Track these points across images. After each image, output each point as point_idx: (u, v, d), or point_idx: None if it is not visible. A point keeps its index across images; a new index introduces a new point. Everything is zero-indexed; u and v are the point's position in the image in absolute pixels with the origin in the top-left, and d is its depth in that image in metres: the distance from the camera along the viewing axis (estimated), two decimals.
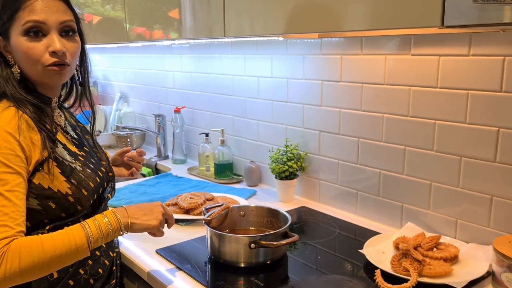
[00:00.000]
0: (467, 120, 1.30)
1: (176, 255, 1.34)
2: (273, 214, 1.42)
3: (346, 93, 1.61)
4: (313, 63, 1.72)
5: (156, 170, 2.51)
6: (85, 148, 1.25)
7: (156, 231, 1.15)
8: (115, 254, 1.31)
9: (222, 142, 2.12)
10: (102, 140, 2.79)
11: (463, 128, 1.31)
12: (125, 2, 1.94)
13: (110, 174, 1.30)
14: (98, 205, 1.21)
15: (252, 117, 2.04)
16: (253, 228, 1.45)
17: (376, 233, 1.47)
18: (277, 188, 1.82)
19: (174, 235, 1.49)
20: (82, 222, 1.03)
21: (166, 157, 2.56)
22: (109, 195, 1.27)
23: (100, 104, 3.19)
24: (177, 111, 2.41)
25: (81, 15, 1.20)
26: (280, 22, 1.25)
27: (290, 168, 1.76)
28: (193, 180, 2.11)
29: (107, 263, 1.24)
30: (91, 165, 1.21)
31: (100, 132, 2.75)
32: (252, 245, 1.22)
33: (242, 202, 1.73)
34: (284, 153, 1.81)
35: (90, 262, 1.17)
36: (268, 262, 1.26)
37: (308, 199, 1.83)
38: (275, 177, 1.80)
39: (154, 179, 2.12)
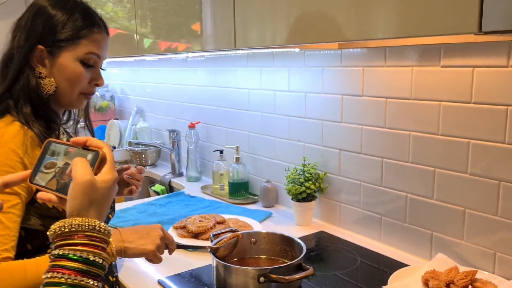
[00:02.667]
0: (506, 139, 1.15)
1: (180, 286, 1.22)
2: (287, 242, 1.29)
3: (369, 108, 1.47)
4: (333, 76, 1.59)
5: (170, 188, 2.41)
6: None
7: (152, 257, 1.04)
8: (114, 279, 1.21)
9: (237, 159, 2.00)
10: (117, 156, 2.72)
11: (502, 149, 1.16)
12: (150, 17, 1.86)
13: None
14: None
15: (268, 134, 1.92)
16: (264, 257, 1.32)
17: (402, 264, 1.32)
18: (294, 211, 1.69)
19: (181, 262, 1.37)
20: None
21: (181, 174, 2.46)
22: (109, 215, 1.18)
23: (117, 119, 3.13)
24: (192, 126, 2.32)
25: None
26: (298, 32, 1.13)
27: (307, 190, 1.62)
28: (206, 200, 1.99)
29: None
30: None
31: (115, 147, 2.67)
32: (261, 279, 1.09)
33: (256, 226, 1.60)
34: (301, 173, 1.68)
35: None
36: None
37: (328, 223, 1.69)
38: (292, 199, 1.67)
39: (165, 198, 2.02)
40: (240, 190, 2.00)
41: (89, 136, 1.25)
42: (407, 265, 1.31)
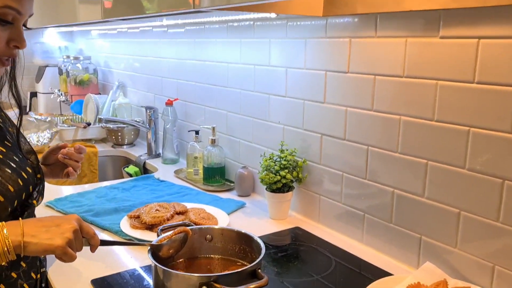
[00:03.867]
0: None
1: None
2: (246, 241, 1.09)
3: (355, 87, 1.25)
4: (317, 49, 1.37)
5: (145, 170, 2.21)
6: (6, 142, 0.99)
7: (61, 254, 0.84)
8: (39, 276, 1.02)
9: (213, 141, 1.80)
10: (92, 133, 2.53)
11: (509, 141, 0.94)
12: None
13: (38, 175, 1.02)
14: (20, 214, 0.95)
15: (247, 114, 1.71)
16: (219, 257, 1.12)
17: (384, 272, 1.12)
18: (268, 202, 1.48)
19: (124, 258, 1.18)
20: None
21: (157, 155, 2.26)
22: (34, 201, 0.98)
23: (100, 94, 2.93)
24: (169, 103, 2.11)
25: None
26: None
27: (283, 179, 1.41)
28: (175, 186, 1.79)
29: (26, 287, 0.96)
30: (12, 164, 0.95)
31: (89, 124, 2.48)
32: None
33: (222, 218, 1.41)
34: (278, 159, 1.47)
35: (2, 286, 0.90)
36: None
37: (306, 218, 1.48)
38: (266, 189, 1.47)
39: (131, 182, 1.82)
40: (215, 175, 1.80)
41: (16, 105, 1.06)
42: (390, 274, 1.11)
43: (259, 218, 1.49)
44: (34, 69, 3.42)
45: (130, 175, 2.16)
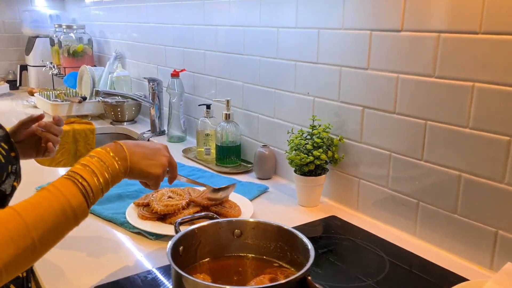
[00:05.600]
0: None
1: None
2: (286, 238, 0.88)
3: (410, 49, 1.03)
4: (359, 4, 1.14)
5: None
6: None
7: (155, 183, 0.87)
8: (25, 274, 0.82)
9: (227, 117, 1.58)
10: (88, 108, 2.29)
11: None
12: None
13: (13, 154, 0.80)
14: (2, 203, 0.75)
15: (267, 85, 1.48)
16: (251, 256, 0.91)
17: (452, 274, 0.92)
18: (297, 187, 1.27)
19: (132, 257, 0.97)
20: (67, 173, 0.71)
21: (162, 133, 2.04)
22: (14, 183, 0.77)
23: (96, 65, 2.69)
24: (175, 75, 1.88)
25: None
26: None
27: (317, 160, 1.20)
28: (185, 167, 1.58)
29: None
30: None
31: (85, 98, 2.24)
32: None
33: (245, 205, 1.19)
34: (309, 137, 1.25)
35: None
36: None
37: (341, 204, 1.28)
38: (295, 171, 1.25)
39: None
40: (229, 155, 1.59)
41: None
42: (460, 276, 0.91)
43: (286, 205, 1.28)
44: (24, 40, 3.16)
45: None
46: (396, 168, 1.11)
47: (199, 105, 1.72)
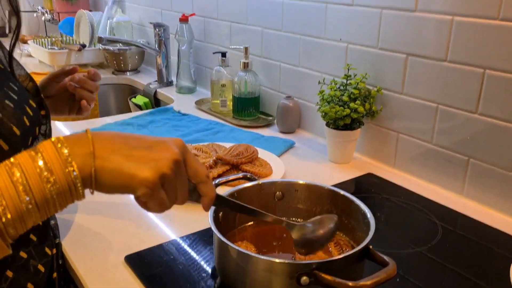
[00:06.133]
0: None
1: (160, 270, 0.74)
2: (335, 202, 0.79)
3: None
4: None
5: (156, 101, 1.87)
6: None
7: (146, 195, 0.49)
8: (55, 250, 0.74)
9: (245, 66, 1.45)
10: (87, 57, 2.15)
11: None
12: None
13: (43, 112, 0.69)
14: None
15: (291, 30, 1.35)
16: (299, 220, 0.83)
17: (509, 237, 0.85)
18: (329, 142, 1.18)
19: (160, 225, 0.89)
20: None
21: (170, 83, 1.91)
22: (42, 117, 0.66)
23: (91, 11, 2.50)
24: (184, 19, 1.73)
25: None
26: None
27: (353, 113, 1.10)
28: (202, 120, 1.47)
29: (42, 269, 0.69)
30: (13, 95, 0.62)
31: (84, 46, 2.09)
32: (304, 279, 0.60)
33: (276, 164, 1.10)
34: (344, 88, 1.15)
35: (9, 274, 0.62)
36: None
37: (376, 161, 1.19)
38: (327, 125, 1.15)
39: (148, 116, 1.49)
40: (248, 107, 1.48)
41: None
42: None
43: (316, 162, 1.19)
44: None
45: (139, 107, 1.83)
46: (443, 122, 1.01)
47: (213, 53, 1.59)
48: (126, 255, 0.77)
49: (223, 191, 0.84)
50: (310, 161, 1.19)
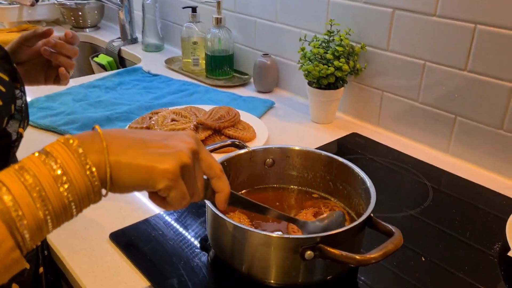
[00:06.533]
0: None
1: (149, 247, 0.70)
2: (329, 167, 0.76)
3: None
4: None
5: (120, 60, 1.76)
6: None
7: (169, 187, 0.44)
8: (39, 242, 0.67)
9: (218, 21, 1.37)
10: (41, 13, 1.98)
11: None
12: None
13: (18, 84, 0.60)
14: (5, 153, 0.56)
15: None
16: (287, 186, 0.80)
17: (504, 198, 0.85)
18: (312, 102, 1.14)
19: (141, 198, 0.83)
20: None
21: (134, 41, 1.80)
22: (20, 129, 0.58)
23: None
24: None
25: None
26: None
27: (338, 71, 1.06)
28: (175, 81, 1.39)
29: (27, 266, 0.62)
30: None
31: (37, 0, 1.92)
32: (309, 254, 0.58)
33: (259, 127, 1.05)
34: (326, 45, 1.10)
35: None
36: (329, 278, 0.63)
37: (359, 120, 1.16)
38: (310, 84, 1.11)
39: (115, 77, 1.40)
40: (222, 66, 1.41)
41: None
42: (503, 195, 0.85)
43: (298, 122, 1.15)
44: None
45: (103, 67, 1.72)
46: (430, 79, 0.99)
47: (183, 8, 1.49)
48: (111, 233, 0.72)
49: None
50: (292, 122, 1.16)
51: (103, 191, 0.43)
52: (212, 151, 0.78)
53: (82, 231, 0.73)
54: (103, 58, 1.75)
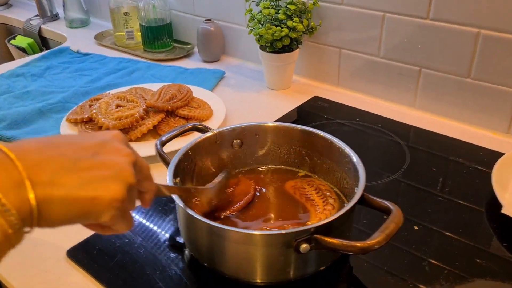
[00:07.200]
0: None
1: (116, 260, 0.60)
2: (302, 140, 0.69)
3: None
4: None
5: (42, 40, 1.58)
6: None
7: (117, 218, 0.36)
8: None
9: None
10: None
11: None
12: None
13: None
14: None
15: None
16: (263, 168, 0.72)
17: (474, 147, 0.82)
18: (266, 67, 1.05)
19: None
20: None
21: (55, 17, 1.61)
22: None
23: None
24: None
25: None
26: None
27: (292, 32, 0.97)
28: (110, 59, 1.25)
29: None
30: None
31: None
32: (304, 247, 0.51)
33: (214, 102, 0.96)
34: (274, 3, 1.00)
35: None
36: (322, 268, 0.57)
37: (317, 81, 1.10)
38: (263, 49, 1.02)
39: (40, 62, 1.23)
40: (160, 37, 1.28)
41: None
42: (485, 148, 0.82)
43: (254, 91, 1.07)
44: None
45: (23, 51, 1.53)
46: (391, 31, 0.93)
47: None
48: (68, 249, 0.62)
49: (174, 147, 0.71)
50: (247, 92, 1.07)
51: (26, 228, 0.33)
52: (173, 137, 0.69)
53: (33, 252, 0.62)
54: (21, 40, 1.55)
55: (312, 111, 0.97)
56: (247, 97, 1.04)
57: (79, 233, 0.64)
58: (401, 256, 0.61)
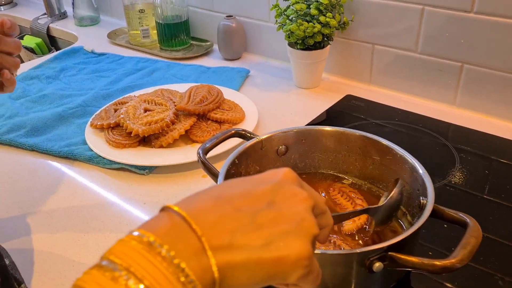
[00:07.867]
0: None
1: None
2: (364, 149, 0.65)
3: None
4: None
5: (51, 40, 1.52)
6: None
7: (304, 276, 0.32)
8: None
9: None
10: None
11: None
12: None
13: None
14: None
15: None
16: (308, 173, 0.67)
17: None
18: (296, 65, 1.00)
19: (129, 206, 0.68)
20: None
21: (64, 15, 1.55)
22: None
23: None
24: None
25: None
26: None
27: (324, 28, 0.92)
28: (126, 59, 1.19)
29: None
30: None
31: None
32: (377, 266, 0.47)
33: (243, 102, 0.91)
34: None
35: None
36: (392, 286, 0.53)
37: (348, 79, 1.05)
38: (293, 46, 0.97)
39: (54, 63, 1.18)
40: (178, 34, 1.23)
41: None
42: None
43: (283, 90, 1.02)
44: None
45: (32, 51, 1.48)
46: (431, 26, 0.88)
47: None
48: None
49: (219, 158, 0.66)
50: (275, 91, 1.02)
51: None
52: (214, 145, 0.64)
53: (58, 274, 0.58)
54: (30, 40, 1.50)
55: (347, 111, 0.92)
56: (276, 97, 0.99)
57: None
58: (469, 270, 0.56)
